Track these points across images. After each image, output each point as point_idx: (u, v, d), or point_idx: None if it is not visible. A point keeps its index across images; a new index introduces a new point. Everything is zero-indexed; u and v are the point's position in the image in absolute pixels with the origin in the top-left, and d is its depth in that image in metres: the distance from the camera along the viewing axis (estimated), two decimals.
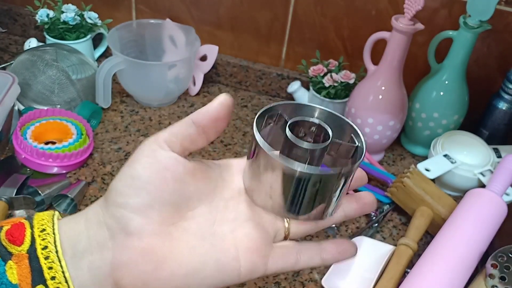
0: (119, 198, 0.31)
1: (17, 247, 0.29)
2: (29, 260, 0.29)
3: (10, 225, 0.30)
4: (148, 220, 0.31)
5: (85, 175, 0.77)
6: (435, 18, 0.85)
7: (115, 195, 0.31)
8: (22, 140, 0.73)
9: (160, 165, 0.32)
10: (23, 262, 0.29)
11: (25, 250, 0.29)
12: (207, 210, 0.34)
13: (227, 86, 1.04)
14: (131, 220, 0.30)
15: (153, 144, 0.33)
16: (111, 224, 0.31)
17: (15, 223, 0.31)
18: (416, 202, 0.72)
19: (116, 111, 0.93)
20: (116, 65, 0.87)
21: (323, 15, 0.92)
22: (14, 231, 0.30)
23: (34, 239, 0.30)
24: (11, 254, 0.29)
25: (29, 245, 0.29)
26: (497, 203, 0.67)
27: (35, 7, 0.99)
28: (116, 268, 0.30)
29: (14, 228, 0.30)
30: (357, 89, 0.83)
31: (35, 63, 0.85)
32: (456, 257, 0.61)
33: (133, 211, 0.31)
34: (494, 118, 0.86)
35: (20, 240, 0.30)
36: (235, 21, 0.99)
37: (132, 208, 0.31)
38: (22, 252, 0.29)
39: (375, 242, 0.68)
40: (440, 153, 0.80)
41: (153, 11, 1.02)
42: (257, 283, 0.64)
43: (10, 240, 0.30)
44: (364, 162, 0.80)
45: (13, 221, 0.31)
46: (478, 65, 0.88)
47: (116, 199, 0.31)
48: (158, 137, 0.33)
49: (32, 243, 0.29)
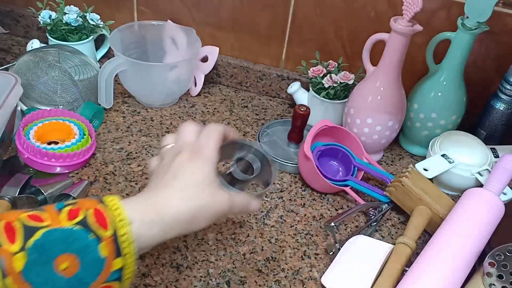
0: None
1: (105, 231, 0.40)
2: (113, 241, 0.41)
3: (93, 210, 0.41)
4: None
5: (88, 175, 0.78)
6: (434, 20, 0.86)
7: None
8: (25, 140, 0.74)
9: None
10: (109, 241, 0.40)
11: (109, 235, 0.40)
12: None
13: (228, 87, 1.05)
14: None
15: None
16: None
17: (96, 209, 0.41)
18: (415, 202, 0.73)
19: (118, 111, 0.93)
20: (118, 66, 0.87)
21: (322, 17, 0.93)
22: (99, 218, 0.41)
23: (116, 227, 0.41)
24: (100, 236, 0.40)
25: (112, 231, 0.41)
26: (495, 202, 0.68)
27: (38, 8, 1.00)
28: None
29: (97, 215, 0.41)
30: (356, 90, 0.84)
31: (37, 64, 0.86)
32: (454, 255, 0.61)
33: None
34: (491, 119, 0.86)
35: (105, 226, 0.41)
36: (236, 22, 0.99)
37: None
38: (108, 235, 0.40)
39: (374, 241, 0.69)
40: (438, 153, 0.81)
41: (154, 12, 1.03)
42: (257, 281, 0.64)
43: (100, 225, 0.41)
44: (363, 162, 0.81)
45: (90, 205, 0.42)
46: (476, 66, 0.88)
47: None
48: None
49: (114, 230, 0.41)
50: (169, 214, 0.45)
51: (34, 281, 0.37)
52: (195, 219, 0.47)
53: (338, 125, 0.82)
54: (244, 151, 0.56)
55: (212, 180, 0.49)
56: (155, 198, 0.46)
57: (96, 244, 0.40)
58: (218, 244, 0.69)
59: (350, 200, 0.80)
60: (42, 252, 0.38)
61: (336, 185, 0.77)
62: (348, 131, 0.83)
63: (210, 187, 0.48)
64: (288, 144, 0.88)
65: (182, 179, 0.48)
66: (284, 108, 1.01)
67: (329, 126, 0.80)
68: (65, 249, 0.39)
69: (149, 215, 0.44)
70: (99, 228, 0.40)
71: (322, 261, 0.68)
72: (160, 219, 0.45)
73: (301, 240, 0.71)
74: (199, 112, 0.96)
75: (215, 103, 1.00)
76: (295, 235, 0.72)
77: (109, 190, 0.75)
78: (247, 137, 0.91)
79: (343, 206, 0.79)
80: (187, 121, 0.57)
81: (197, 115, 0.95)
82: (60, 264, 0.38)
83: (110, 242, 0.40)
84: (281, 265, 0.67)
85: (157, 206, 0.45)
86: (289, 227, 0.73)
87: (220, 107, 0.99)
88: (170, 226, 0.45)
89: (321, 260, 0.69)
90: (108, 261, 0.40)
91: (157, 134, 0.89)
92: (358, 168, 0.81)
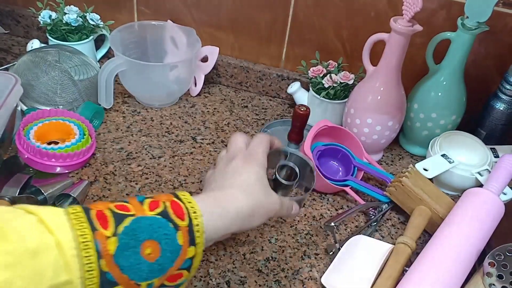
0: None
1: (181, 221, 0.45)
2: (188, 231, 0.45)
3: (170, 203, 0.46)
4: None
5: (88, 175, 0.78)
6: (434, 20, 0.86)
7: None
8: (25, 140, 0.74)
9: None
10: (184, 231, 0.45)
11: (185, 225, 0.45)
12: None
13: (228, 87, 1.05)
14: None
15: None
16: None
17: (172, 201, 0.46)
18: (415, 202, 0.73)
19: (118, 111, 0.93)
20: (118, 66, 0.87)
21: (322, 17, 0.93)
22: (176, 210, 0.45)
23: (191, 218, 0.46)
24: (178, 225, 0.44)
25: (188, 222, 0.45)
26: (495, 202, 0.68)
27: (38, 8, 1.00)
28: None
29: (174, 207, 0.46)
30: (356, 90, 0.84)
31: (37, 64, 0.86)
32: (454, 255, 0.61)
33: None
34: (491, 119, 0.86)
35: (182, 217, 0.45)
36: (236, 22, 0.99)
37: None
38: (184, 225, 0.45)
39: (374, 241, 0.69)
40: (438, 153, 0.81)
41: (154, 12, 1.03)
42: (257, 281, 0.64)
43: (177, 216, 0.45)
44: (363, 162, 0.81)
45: (167, 198, 0.47)
46: (476, 66, 0.88)
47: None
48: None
49: (190, 221, 0.45)
50: (232, 208, 0.50)
51: (122, 264, 0.41)
52: (253, 215, 0.52)
53: (338, 125, 0.82)
54: (287, 158, 0.63)
55: (265, 181, 0.55)
56: (220, 194, 0.52)
57: (175, 233, 0.44)
58: (218, 244, 0.69)
59: (350, 200, 0.80)
60: (131, 237, 0.42)
61: (336, 185, 0.77)
62: (348, 131, 0.83)
63: (265, 187, 0.54)
64: (288, 144, 0.87)
65: (240, 179, 0.54)
66: (284, 108, 1.01)
67: (329, 126, 0.80)
68: (150, 236, 0.42)
69: (216, 209, 0.49)
70: (176, 219, 0.45)
71: (322, 261, 0.68)
72: (226, 212, 0.50)
73: (301, 240, 0.71)
74: (199, 112, 0.96)
75: (215, 103, 1.00)
76: (295, 235, 0.72)
77: (109, 190, 0.75)
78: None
79: (343, 206, 0.79)
80: (236, 132, 0.63)
81: (197, 115, 0.95)
82: (145, 249, 0.42)
83: (185, 232, 0.45)
84: (281, 265, 0.67)
85: (222, 201, 0.51)
86: (289, 227, 0.73)
87: (220, 107, 0.99)
88: (232, 220, 0.50)
89: (321, 260, 0.69)
90: (183, 249, 0.44)
91: (157, 134, 0.89)
92: (358, 168, 0.81)
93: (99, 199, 0.73)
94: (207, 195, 0.52)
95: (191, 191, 0.77)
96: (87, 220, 0.40)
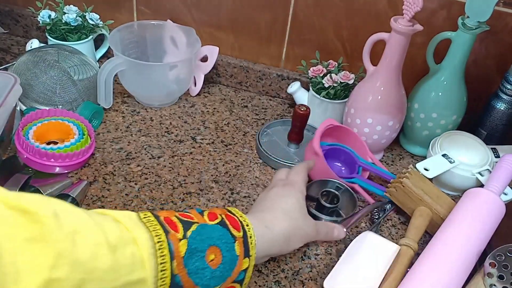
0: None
1: (238, 232, 0.48)
2: (243, 242, 0.48)
3: (225, 215, 0.50)
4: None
5: (87, 175, 0.77)
6: (434, 19, 0.86)
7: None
8: (24, 140, 0.74)
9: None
10: (240, 241, 0.48)
11: (241, 236, 0.48)
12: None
13: (228, 86, 1.05)
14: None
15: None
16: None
17: (227, 214, 0.50)
18: (415, 202, 0.73)
19: (118, 111, 0.93)
20: (118, 65, 0.87)
21: (322, 16, 0.93)
22: (232, 222, 0.49)
23: (245, 230, 0.49)
24: (235, 236, 0.47)
25: (242, 233, 0.48)
26: (495, 202, 0.67)
27: (37, 8, 1.00)
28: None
29: (230, 219, 0.49)
30: (357, 90, 0.83)
31: (37, 64, 0.86)
32: (455, 256, 0.61)
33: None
34: (492, 118, 0.86)
35: (237, 229, 0.48)
36: (236, 22, 0.99)
37: None
38: (239, 236, 0.48)
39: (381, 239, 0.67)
40: (438, 153, 0.81)
41: (154, 12, 1.03)
42: (257, 281, 0.64)
43: (233, 227, 0.48)
44: (366, 161, 0.81)
45: (221, 212, 0.51)
46: (477, 65, 0.88)
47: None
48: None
49: (244, 232, 0.49)
50: (276, 228, 0.54)
51: (189, 268, 0.42)
52: (292, 238, 0.56)
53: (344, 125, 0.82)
54: (329, 185, 0.73)
55: (303, 207, 0.59)
56: (263, 216, 0.55)
57: (233, 242, 0.47)
58: None
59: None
60: (198, 241, 0.44)
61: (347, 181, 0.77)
62: (352, 131, 0.82)
63: (302, 213, 0.58)
64: (288, 144, 0.87)
65: (280, 204, 0.57)
66: (284, 108, 1.01)
67: (334, 125, 0.80)
68: (214, 242, 0.45)
69: (261, 227, 0.52)
70: (233, 229, 0.48)
71: (322, 261, 0.68)
72: (269, 231, 0.53)
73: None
74: (199, 112, 0.96)
75: (215, 103, 1.00)
76: None
77: (109, 190, 0.75)
78: (247, 137, 0.91)
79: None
80: (279, 168, 0.71)
81: (197, 115, 0.95)
82: (210, 254, 0.44)
83: (241, 242, 0.48)
84: (281, 266, 0.67)
85: (266, 221, 0.54)
86: None
87: (220, 107, 0.98)
88: (274, 241, 0.53)
89: (321, 261, 0.68)
90: (239, 259, 0.47)
91: (157, 134, 0.88)
92: (363, 168, 0.80)
93: (98, 199, 0.73)
94: (252, 215, 0.54)
95: (191, 191, 0.77)
96: (158, 223, 0.43)
